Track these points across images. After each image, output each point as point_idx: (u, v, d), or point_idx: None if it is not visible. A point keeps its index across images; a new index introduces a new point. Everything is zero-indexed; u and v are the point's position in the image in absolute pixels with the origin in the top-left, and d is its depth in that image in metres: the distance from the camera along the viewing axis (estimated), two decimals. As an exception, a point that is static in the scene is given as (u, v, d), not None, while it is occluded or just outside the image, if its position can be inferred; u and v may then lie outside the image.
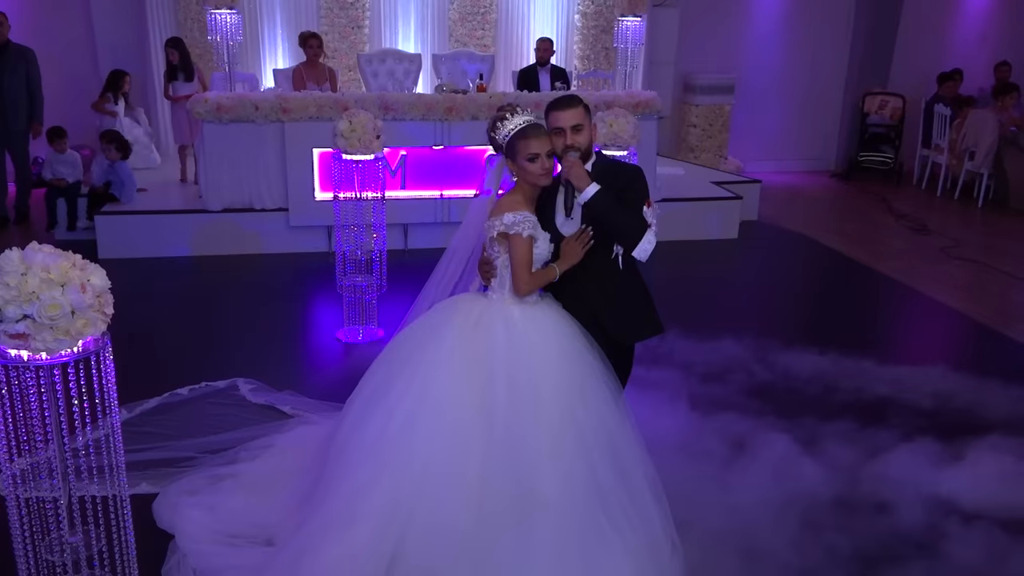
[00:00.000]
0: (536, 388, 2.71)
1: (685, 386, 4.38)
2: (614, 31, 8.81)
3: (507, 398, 2.68)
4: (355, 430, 2.81)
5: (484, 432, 2.66)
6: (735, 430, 3.95)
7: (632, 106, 7.18)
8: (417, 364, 2.79)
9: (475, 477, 2.62)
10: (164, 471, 3.46)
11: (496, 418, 2.67)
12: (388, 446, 2.69)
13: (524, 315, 2.84)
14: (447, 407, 2.70)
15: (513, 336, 2.78)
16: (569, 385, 2.76)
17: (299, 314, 5.75)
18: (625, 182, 2.93)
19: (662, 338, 3.89)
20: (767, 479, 3.55)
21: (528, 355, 2.76)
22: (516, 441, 2.64)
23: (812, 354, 4.91)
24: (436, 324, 2.88)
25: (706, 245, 7.55)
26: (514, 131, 2.86)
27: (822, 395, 4.48)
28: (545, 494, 2.62)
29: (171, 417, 4.03)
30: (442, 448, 2.66)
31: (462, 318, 2.85)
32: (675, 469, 3.31)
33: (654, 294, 3.09)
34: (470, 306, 2.89)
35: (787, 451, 3.78)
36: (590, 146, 2.95)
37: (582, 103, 2.93)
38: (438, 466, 2.64)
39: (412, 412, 2.71)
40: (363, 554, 2.56)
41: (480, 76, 7.73)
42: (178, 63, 7.69)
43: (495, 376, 2.71)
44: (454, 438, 2.67)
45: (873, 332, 5.60)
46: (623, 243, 2.90)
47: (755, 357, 4.89)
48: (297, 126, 6.75)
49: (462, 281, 3.11)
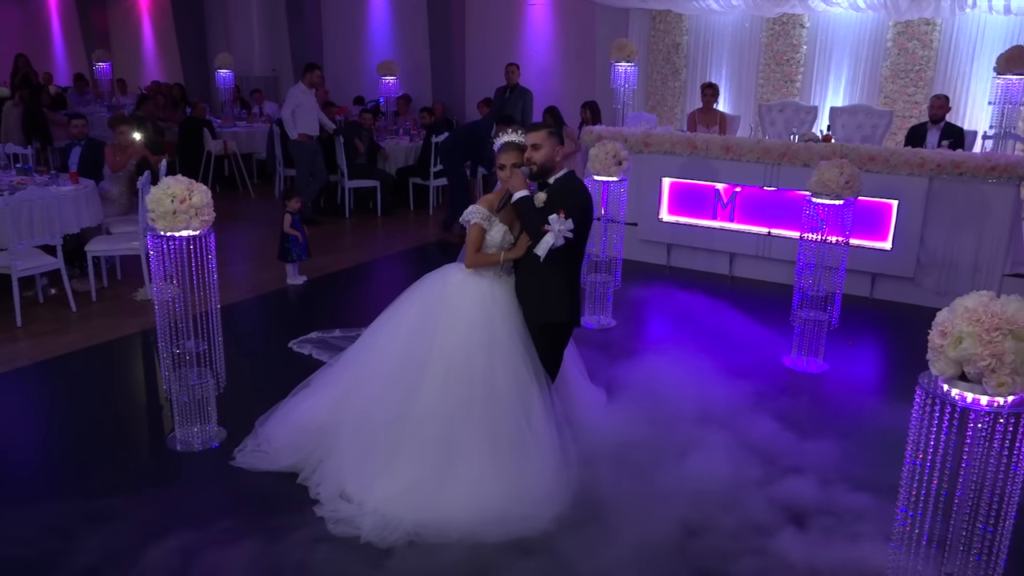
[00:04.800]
0: (435, 325, 3.90)
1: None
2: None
3: (409, 329, 3.96)
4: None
5: (392, 347, 3.99)
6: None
7: (988, 169, 6.80)
8: (394, 307, 4.18)
9: (382, 373, 3.96)
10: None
11: (398, 340, 3.97)
12: (352, 354, 4.24)
13: (463, 279, 3.98)
14: (384, 333, 4.08)
15: (442, 289, 3.99)
16: (469, 329, 3.84)
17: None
18: (560, 197, 3.88)
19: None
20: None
21: (443, 303, 3.93)
22: (408, 362, 3.89)
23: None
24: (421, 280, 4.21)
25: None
26: (499, 145, 4.00)
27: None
28: (426, 399, 3.79)
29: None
30: (371, 354, 4.07)
31: (432, 278, 4.12)
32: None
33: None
34: (444, 271, 4.14)
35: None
36: (547, 161, 3.92)
37: (546, 128, 3.95)
38: (367, 366, 4.07)
39: (371, 332, 4.18)
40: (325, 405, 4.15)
41: (828, 127, 7.97)
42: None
43: (410, 313, 4.01)
44: (376, 351, 4.05)
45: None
46: (532, 239, 3.85)
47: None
48: (651, 157, 8.12)
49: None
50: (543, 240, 3.77)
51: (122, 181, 7.49)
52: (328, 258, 8.20)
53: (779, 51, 10.32)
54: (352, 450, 3.89)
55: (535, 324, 3.99)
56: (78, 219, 6.62)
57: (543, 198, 3.93)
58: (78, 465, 4.23)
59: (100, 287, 6.99)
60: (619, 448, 4.25)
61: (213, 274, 4.25)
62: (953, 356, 2.57)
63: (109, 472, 4.14)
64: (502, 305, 3.96)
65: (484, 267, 4.00)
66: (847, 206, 5.52)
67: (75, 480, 4.08)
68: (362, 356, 4.16)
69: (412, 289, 4.16)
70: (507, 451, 3.78)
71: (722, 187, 7.82)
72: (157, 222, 4.05)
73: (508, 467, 3.75)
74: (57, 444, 4.46)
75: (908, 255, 7.07)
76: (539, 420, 3.84)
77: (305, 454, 4.06)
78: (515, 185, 3.92)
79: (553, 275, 3.92)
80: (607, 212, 6.34)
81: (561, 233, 3.75)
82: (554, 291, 3.97)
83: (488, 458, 3.76)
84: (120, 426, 4.70)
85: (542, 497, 3.74)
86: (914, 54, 9.56)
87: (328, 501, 3.79)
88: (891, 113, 9.06)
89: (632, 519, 3.72)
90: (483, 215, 3.97)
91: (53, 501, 3.87)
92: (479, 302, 3.93)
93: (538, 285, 3.97)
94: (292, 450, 4.10)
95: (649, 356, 5.62)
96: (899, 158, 7.00)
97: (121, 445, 4.47)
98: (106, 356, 5.74)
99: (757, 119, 9.71)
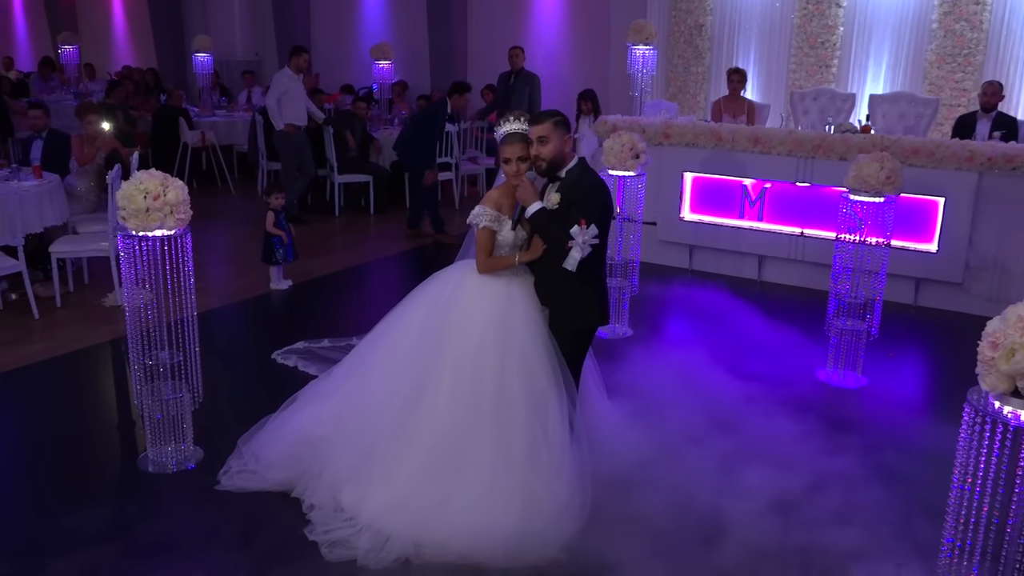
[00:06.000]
0: (445, 328, 3.91)
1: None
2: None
3: (417, 333, 3.98)
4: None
5: (398, 351, 4.02)
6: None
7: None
8: (400, 309, 4.22)
9: (387, 376, 4.00)
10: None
11: (405, 345, 4.01)
12: (353, 360, 4.30)
13: (478, 280, 3.97)
14: (390, 337, 4.14)
15: (454, 291, 4.00)
16: (482, 331, 3.85)
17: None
18: (576, 196, 3.87)
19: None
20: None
21: (456, 304, 3.94)
22: (415, 368, 3.92)
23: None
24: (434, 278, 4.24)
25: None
26: (501, 136, 4.00)
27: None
28: (432, 405, 3.82)
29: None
30: (375, 360, 4.12)
31: (443, 278, 4.15)
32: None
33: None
34: (455, 270, 4.16)
35: None
36: (557, 155, 3.90)
37: (552, 119, 3.91)
38: (369, 366, 4.13)
39: (375, 337, 4.24)
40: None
41: (867, 117, 7.98)
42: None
43: (418, 315, 4.03)
44: (380, 357, 4.10)
45: None
46: (554, 255, 3.84)
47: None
48: (671, 150, 8.12)
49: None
50: (570, 256, 3.79)
51: (90, 176, 7.53)
52: (316, 260, 8.22)
53: (813, 33, 10.31)
54: (349, 456, 3.92)
55: (567, 329, 4.00)
56: (41, 217, 6.65)
57: (556, 199, 3.93)
58: (40, 489, 4.23)
59: (65, 292, 7.01)
60: (635, 469, 4.25)
61: (190, 278, 4.26)
62: (1005, 370, 2.56)
63: (74, 497, 4.13)
64: (519, 305, 3.97)
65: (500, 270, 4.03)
66: (888, 204, 5.51)
67: (36, 506, 4.07)
68: (365, 362, 4.19)
69: (420, 289, 4.18)
70: (519, 462, 3.77)
71: (750, 183, 7.83)
72: (128, 221, 4.06)
73: (519, 480, 3.74)
74: (16, 466, 4.47)
75: (956, 258, 7.05)
76: (556, 430, 3.83)
77: (302, 468, 4.08)
78: (526, 198, 3.91)
79: (580, 276, 3.90)
80: (623, 210, 6.34)
81: (586, 243, 3.78)
82: (583, 293, 3.98)
83: (498, 469, 3.75)
84: (87, 445, 4.70)
85: (555, 515, 3.73)
86: (962, 36, 9.55)
87: (321, 519, 3.81)
88: (937, 101, 9.05)
89: (652, 550, 3.72)
90: (491, 216, 3.96)
91: (10, 529, 3.86)
92: (495, 303, 3.94)
93: (564, 287, 3.96)
94: (288, 463, 4.12)
95: (669, 369, 5.61)
96: (946, 151, 6.99)
97: (88, 466, 4.47)
98: (72, 368, 5.75)
99: (788, 108, 9.72)
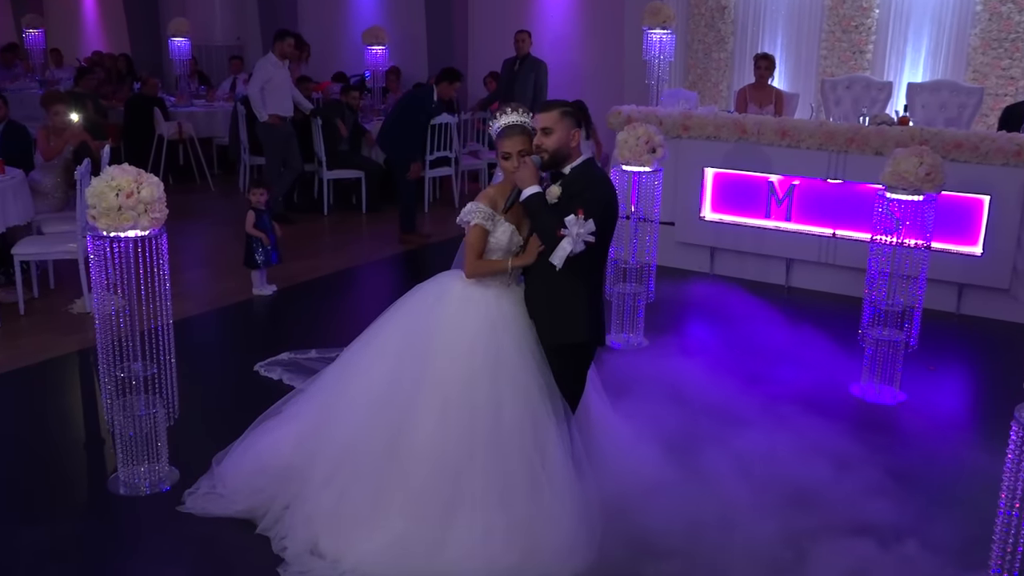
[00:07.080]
0: (429, 345, 3.91)
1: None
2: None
3: (397, 350, 3.97)
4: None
5: (378, 375, 4.00)
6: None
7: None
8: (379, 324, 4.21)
9: (364, 404, 3.97)
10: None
11: (384, 364, 3.99)
12: (324, 380, 4.28)
13: (463, 289, 3.97)
14: (367, 355, 4.11)
15: (438, 302, 4.00)
16: (471, 350, 3.84)
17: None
18: (578, 190, 3.86)
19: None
20: None
21: (440, 318, 3.94)
22: (396, 390, 3.90)
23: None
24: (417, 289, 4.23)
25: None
26: (498, 130, 3.99)
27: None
28: (416, 440, 3.80)
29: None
30: (350, 381, 4.10)
31: (426, 288, 4.14)
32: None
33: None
34: (440, 279, 4.14)
35: None
36: (562, 148, 3.91)
37: (559, 108, 3.93)
38: (344, 394, 4.09)
39: (350, 354, 4.22)
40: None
41: (905, 108, 7.98)
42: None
43: (399, 330, 4.03)
44: (356, 377, 4.08)
45: None
46: (545, 245, 3.83)
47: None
48: (691, 143, 8.12)
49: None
50: (559, 247, 3.74)
51: (57, 171, 7.55)
52: (302, 263, 8.23)
53: (846, 16, 10.29)
54: (327, 496, 3.88)
55: (549, 345, 3.99)
56: (3, 216, 6.67)
57: (557, 192, 3.92)
58: (1, 513, 4.24)
59: (30, 298, 7.02)
60: (650, 495, 4.22)
61: (165, 283, 4.27)
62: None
63: (38, 520, 4.13)
64: (510, 321, 3.96)
65: (489, 276, 4.01)
66: (928, 203, 5.50)
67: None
68: (338, 383, 4.17)
69: (402, 302, 4.17)
70: (517, 496, 3.77)
71: (777, 179, 7.82)
72: (98, 220, 4.07)
73: (518, 516, 3.74)
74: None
75: (1003, 262, 7.04)
76: (555, 459, 3.83)
77: (264, 498, 4.07)
78: (524, 179, 3.89)
79: (570, 286, 3.91)
80: (638, 209, 6.34)
81: (580, 237, 3.72)
82: (571, 305, 3.96)
83: (494, 506, 3.75)
84: (53, 465, 4.70)
85: (560, 552, 3.73)
86: (1009, 20, 9.52)
87: (295, 559, 3.78)
88: (981, 90, 9.04)
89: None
90: (485, 214, 3.96)
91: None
92: (483, 317, 3.93)
93: (552, 298, 3.96)
94: (248, 492, 4.12)
95: (688, 382, 5.60)
96: (991, 145, 6.98)
97: (55, 488, 4.47)
98: (36, 381, 5.76)
99: (819, 97, 9.72)
